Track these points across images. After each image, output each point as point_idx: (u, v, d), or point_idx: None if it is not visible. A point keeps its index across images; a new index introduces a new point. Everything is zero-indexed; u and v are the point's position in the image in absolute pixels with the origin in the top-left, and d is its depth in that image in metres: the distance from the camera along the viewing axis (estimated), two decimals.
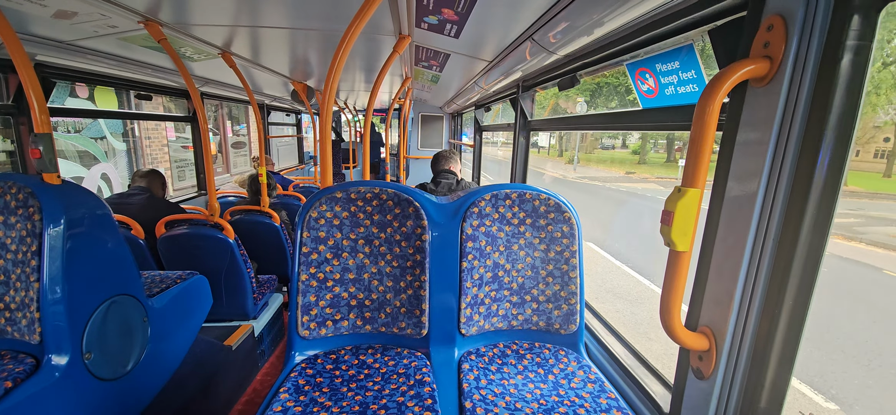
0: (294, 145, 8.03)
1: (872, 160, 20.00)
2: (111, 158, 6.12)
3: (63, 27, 1.76)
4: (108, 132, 6.03)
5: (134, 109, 6.05)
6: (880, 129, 18.46)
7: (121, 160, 6.29)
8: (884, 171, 18.60)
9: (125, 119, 6.26)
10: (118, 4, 1.52)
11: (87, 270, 1.35)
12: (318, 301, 1.46)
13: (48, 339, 1.26)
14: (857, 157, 20.15)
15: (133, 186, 2.67)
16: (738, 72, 0.72)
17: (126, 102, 6.03)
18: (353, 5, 1.47)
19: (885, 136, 18.68)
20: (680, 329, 0.86)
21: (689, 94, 1.08)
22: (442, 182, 2.49)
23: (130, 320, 1.51)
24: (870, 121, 17.05)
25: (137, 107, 6.03)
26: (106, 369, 1.40)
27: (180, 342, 1.82)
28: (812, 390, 3.62)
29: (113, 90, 5.74)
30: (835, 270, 6.66)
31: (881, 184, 16.68)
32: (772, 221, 0.76)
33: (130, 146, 6.42)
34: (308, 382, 1.30)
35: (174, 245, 2.31)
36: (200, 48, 2.18)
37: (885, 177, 17.95)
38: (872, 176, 18.20)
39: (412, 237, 1.46)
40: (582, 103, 19.13)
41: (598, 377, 1.35)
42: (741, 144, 0.80)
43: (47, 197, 1.26)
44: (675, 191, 0.77)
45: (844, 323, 4.85)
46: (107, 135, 6.03)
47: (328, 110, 1.45)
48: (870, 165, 19.70)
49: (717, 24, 0.90)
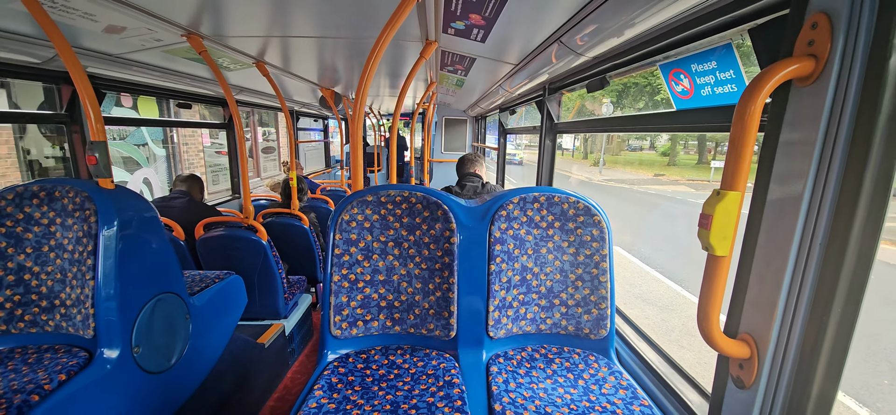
0: (320, 150, 8.24)
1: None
2: (152, 163, 6.48)
3: (112, 41, 1.88)
4: (149, 139, 6.39)
5: (174, 117, 6.39)
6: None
7: (161, 165, 6.65)
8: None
9: (166, 127, 6.62)
10: (163, 19, 1.61)
11: (137, 269, 1.44)
12: (349, 302, 1.50)
13: (101, 333, 1.34)
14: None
15: (174, 189, 2.81)
16: (781, 71, 0.70)
17: (166, 111, 6.38)
18: (381, 13, 1.50)
19: None
20: (719, 336, 0.83)
21: (726, 95, 1.05)
22: (467, 185, 2.50)
23: (174, 317, 1.59)
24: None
25: (177, 115, 6.36)
26: (152, 363, 1.49)
27: (218, 339, 1.90)
28: (857, 402, 3.40)
29: (154, 99, 6.07)
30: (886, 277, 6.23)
31: None
32: (819, 224, 0.73)
33: (169, 152, 6.78)
34: (341, 380, 1.34)
35: (212, 246, 2.42)
36: (236, 58, 2.28)
37: None
38: None
39: (441, 240, 1.48)
40: (608, 104, 18.66)
41: (630, 384, 1.32)
42: (784, 145, 0.77)
43: (102, 201, 1.35)
44: (714, 194, 0.76)
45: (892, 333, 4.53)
46: (148, 142, 6.39)
47: (359, 116, 1.49)
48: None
49: (758, 22, 0.87)
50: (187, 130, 6.96)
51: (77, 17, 1.49)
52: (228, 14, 1.62)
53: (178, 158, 6.89)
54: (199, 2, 1.45)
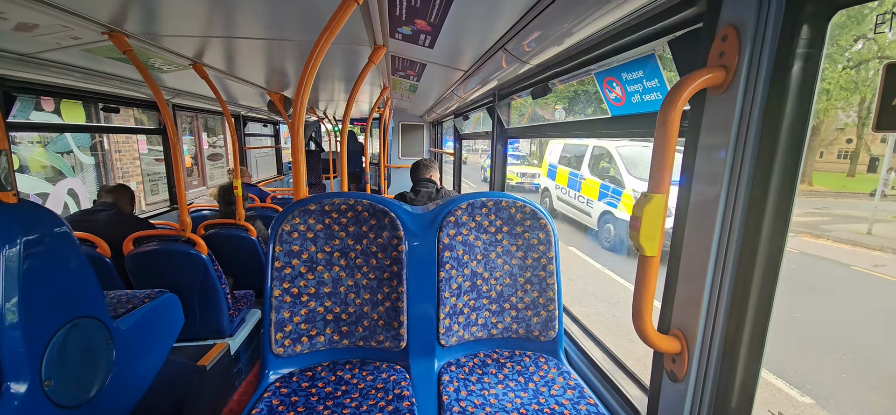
0: (272, 156, 7.90)
1: (836, 161, 20.91)
2: (79, 172, 5.86)
3: (24, 40, 1.69)
4: (75, 146, 5.78)
5: (104, 122, 5.84)
6: (842, 131, 19.36)
7: (89, 175, 6.03)
8: (847, 170, 19.47)
9: (93, 132, 6.04)
10: (80, 15, 1.47)
11: (46, 292, 1.28)
12: (292, 317, 1.43)
13: (6, 366, 1.18)
14: (821, 158, 21.14)
15: (99, 201, 2.56)
16: (696, 81, 0.74)
17: (95, 115, 5.80)
18: (325, 16, 1.46)
19: (848, 137, 19.63)
20: (652, 332, 0.87)
21: (653, 102, 1.11)
22: (422, 191, 2.48)
23: (93, 344, 1.43)
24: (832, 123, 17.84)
25: (108, 120, 5.83)
26: (67, 396, 1.33)
27: (149, 364, 1.74)
28: (788, 384, 3.74)
29: (80, 103, 5.53)
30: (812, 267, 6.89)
31: (845, 183, 17.42)
32: (734, 222, 0.78)
33: (99, 160, 6.16)
34: (282, 401, 1.26)
35: (143, 263, 2.22)
36: (170, 59, 2.13)
37: (848, 176, 18.80)
38: (837, 176, 19.00)
39: (389, 248, 1.45)
40: (561, 111, 19.33)
41: (577, 383, 1.35)
42: (703, 150, 0.82)
43: (1, 217, 1.19)
44: (642, 196, 0.79)
45: (814, 316, 5.04)
46: (74, 149, 5.77)
47: (299, 121, 1.43)
48: (832, 165, 20.57)
49: (676, 35, 0.93)
50: (121, 136, 6.35)
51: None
52: (158, 12, 1.50)
53: (111, 167, 6.26)
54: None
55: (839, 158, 21.01)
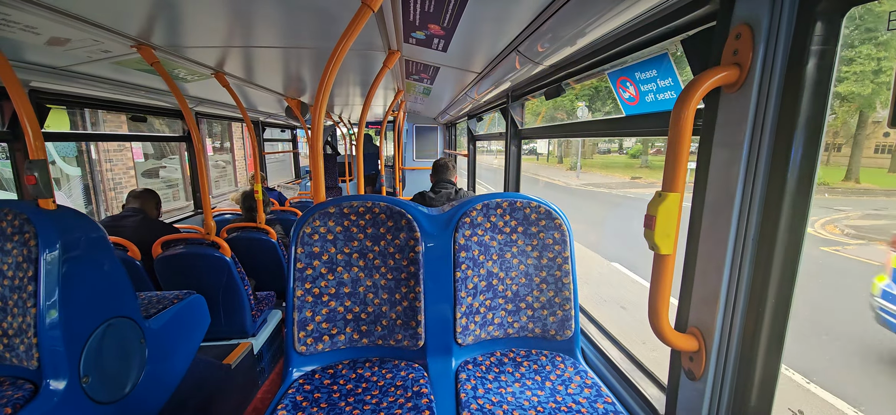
0: (285, 162, 8.02)
1: (874, 156, 19.82)
2: (65, 185, 5.30)
3: (57, 53, 1.78)
4: (57, 156, 5.14)
5: (90, 129, 5.38)
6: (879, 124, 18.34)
7: (75, 188, 5.42)
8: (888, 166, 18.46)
9: (120, 141, 6.10)
10: (111, 30, 1.54)
11: (84, 293, 1.36)
12: (314, 316, 1.47)
13: (46, 364, 1.26)
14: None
15: (126, 207, 2.67)
16: (709, 79, 0.74)
17: (80, 123, 5.27)
18: (341, 24, 1.50)
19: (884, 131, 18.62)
20: (669, 331, 0.87)
21: (667, 101, 1.11)
22: (441, 191, 2.54)
23: (127, 342, 1.51)
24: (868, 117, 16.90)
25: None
26: (103, 393, 1.40)
27: (179, 362, 1.82)
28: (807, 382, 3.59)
29: (65, 111, 4.93)
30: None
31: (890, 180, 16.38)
32: (751, 220, 0.78)
33: (87, 170, 5.48)
34: (306, 398, 1.30)
35: (171, 265, 2.31)
36: (193, 69, 2.21)
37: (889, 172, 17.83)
38: (877, 172, 17.93)
39: (406, 249, 1.48)
40: (583, 108, 18.99)
41: (594, 382, 1.36)
42: (718, 148, 0.82)
43: (42, 223, 1.27)
44: (657, 195, 0.79)
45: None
46: (56, 159, 5.15)
47: (319, 126, 1.47)
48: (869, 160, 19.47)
49: (689, 33, 0.93)
50: (112, 145, 5.79)
51: (18, 31, 1.41)
52: (182, 24, 1.57)
53: (100, 179, 5.55)
54: (150, 12, 1.40)
55: (877, 152, 20.00)
